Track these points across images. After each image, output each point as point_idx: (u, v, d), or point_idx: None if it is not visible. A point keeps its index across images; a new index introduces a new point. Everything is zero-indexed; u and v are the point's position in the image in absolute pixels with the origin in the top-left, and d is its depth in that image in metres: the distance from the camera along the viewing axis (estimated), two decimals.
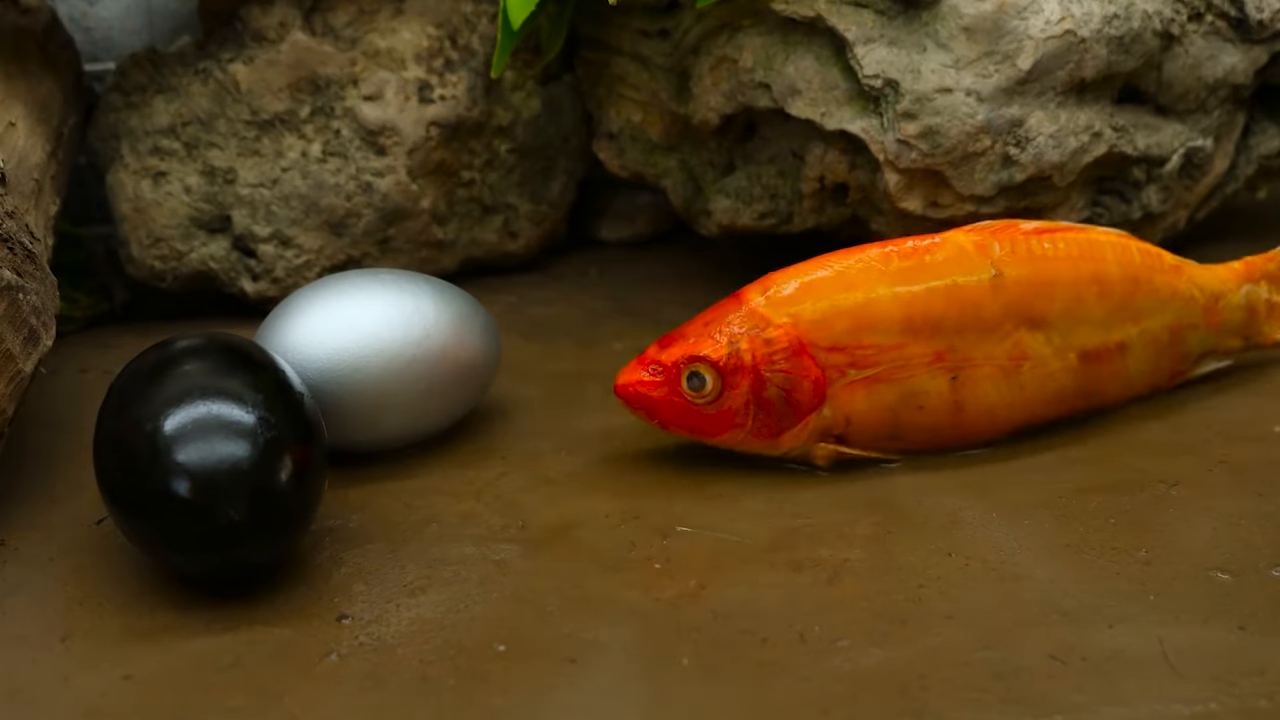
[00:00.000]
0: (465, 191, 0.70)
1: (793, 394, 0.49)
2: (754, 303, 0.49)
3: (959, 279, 0.49)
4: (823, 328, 0.49)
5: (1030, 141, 0.58)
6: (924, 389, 0.49)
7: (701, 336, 0.49)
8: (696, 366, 0.49)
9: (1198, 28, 0.62)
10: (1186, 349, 0.54)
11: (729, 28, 0.62)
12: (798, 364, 0.49)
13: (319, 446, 0.44)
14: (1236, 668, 0.38)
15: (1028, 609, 0.41)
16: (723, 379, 0.49)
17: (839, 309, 0.49)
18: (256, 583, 0.44)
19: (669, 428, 0.50)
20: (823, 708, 0.37)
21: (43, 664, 0.40)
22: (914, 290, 0.49)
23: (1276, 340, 0.56)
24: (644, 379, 0.49)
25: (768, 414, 0.49)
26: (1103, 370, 0.52)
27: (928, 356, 0.49)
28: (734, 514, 0.47)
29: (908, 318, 0.49)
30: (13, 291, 0.47)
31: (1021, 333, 0.50)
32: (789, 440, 0.49)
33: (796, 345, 0.49)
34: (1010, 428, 0.51)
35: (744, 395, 0.49)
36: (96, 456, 0.44)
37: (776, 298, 0.49)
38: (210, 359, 0.44)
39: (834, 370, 0.49)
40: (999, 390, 0.50)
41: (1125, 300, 0.52)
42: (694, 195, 0.67)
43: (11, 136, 0.56)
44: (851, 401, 0.49)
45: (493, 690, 0.38)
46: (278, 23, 0.67)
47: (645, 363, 0.50)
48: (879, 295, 0.49)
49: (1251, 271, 0.55)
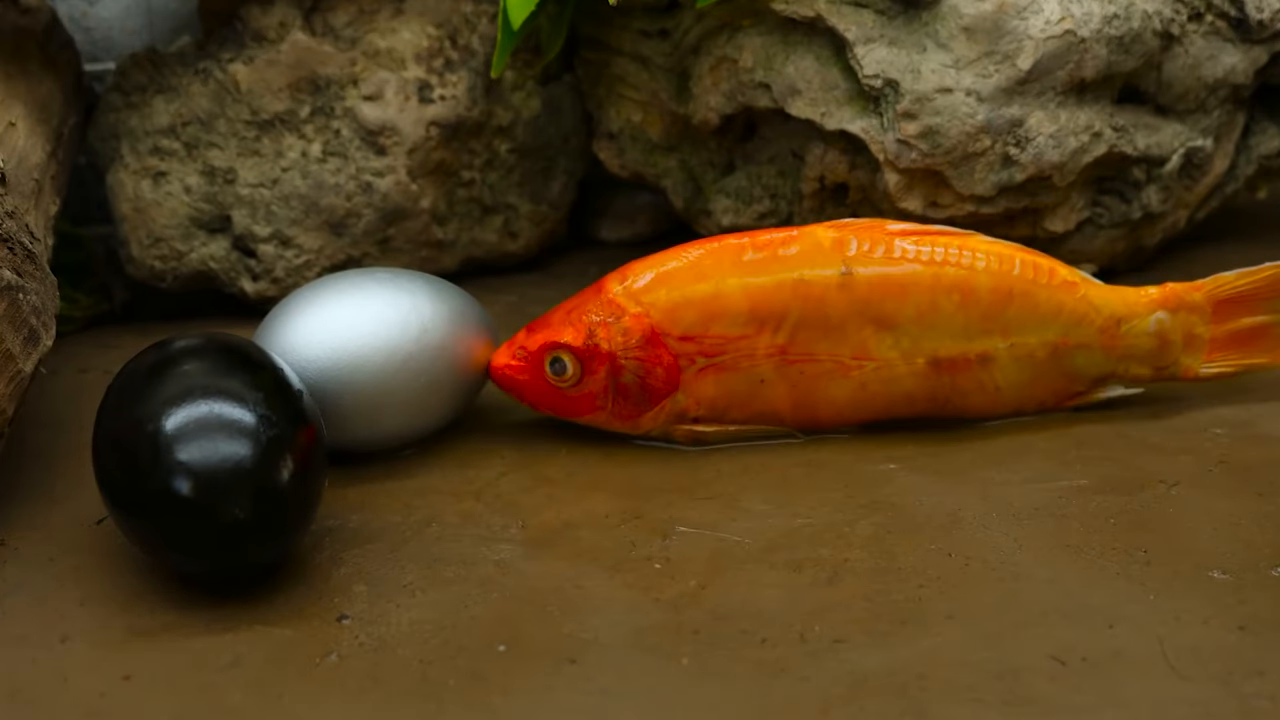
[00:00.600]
0: (465, 191, 0.70)
1: (647, 380, 0.51)
2: (612, 292, 0.51)
3: (807, 274, 0.50)
4: (674, 317, 0.50)
5: (1030, 141, 0.58)
6: (769, 378, 0.51)
7: (564, 324, 0.51)
8: (558, 353, 0.51)
9: (1198, 28, 0.62)
10: (1074, 369, 0.52)
11: (729, 28, 0.62)
12: (651, 352, 0.50)
13: (319, 445, 0.44)
14: (1236, 668, 0.38)
15: (1028, 609, 0.41)
16: (582, 365, 0.51)
17: (689, 299, 0.50)
18: (257, 582, 0.44)
19: (538, 408, 0.52)
20: (823, 708, 0.37)
21: (43, 664, 0.40)
22: (762, 283, 0.50)
23: (1199, 374, 0.53)
24: (511, 363, 0.52)
25: (625, 398, 0.51)
26: (959, 379, 0.51)
27: (772, 349, 0.50)
28: (734, 514, 0.47)
29: (754, 310, 0.50)
30: (13, 291, 0.47)
31: (867, 332, 0.50)
32: (648, 422, 0.52)
33: (649, 334, 0.50)
34: (855, 421, 0.52)
35: (602, 380, 0.51)
36: (96, 456, 0.44)
37: (632, 288, 0.51)
38: (209, 358, 0.44)
39: (685, 359, 0.51)
40: (840, 387, 0.51)
41: (992, 311, 0.50)
42: (694, 195, 0.67)
43: (11, 136, 0.56)
44: (702, 387, 0.51)
45: (493, 690, 0.38)
46: (278, 23, 0.67)
47: (513, 347, 0.52)
48: (728, 287, 0.50)
49: (1168, 299, 0.52)
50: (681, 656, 0.40)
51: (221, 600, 0.43)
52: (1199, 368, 0.53)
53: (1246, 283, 0.52)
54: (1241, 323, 0.53)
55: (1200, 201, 0.66)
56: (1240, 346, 0.53)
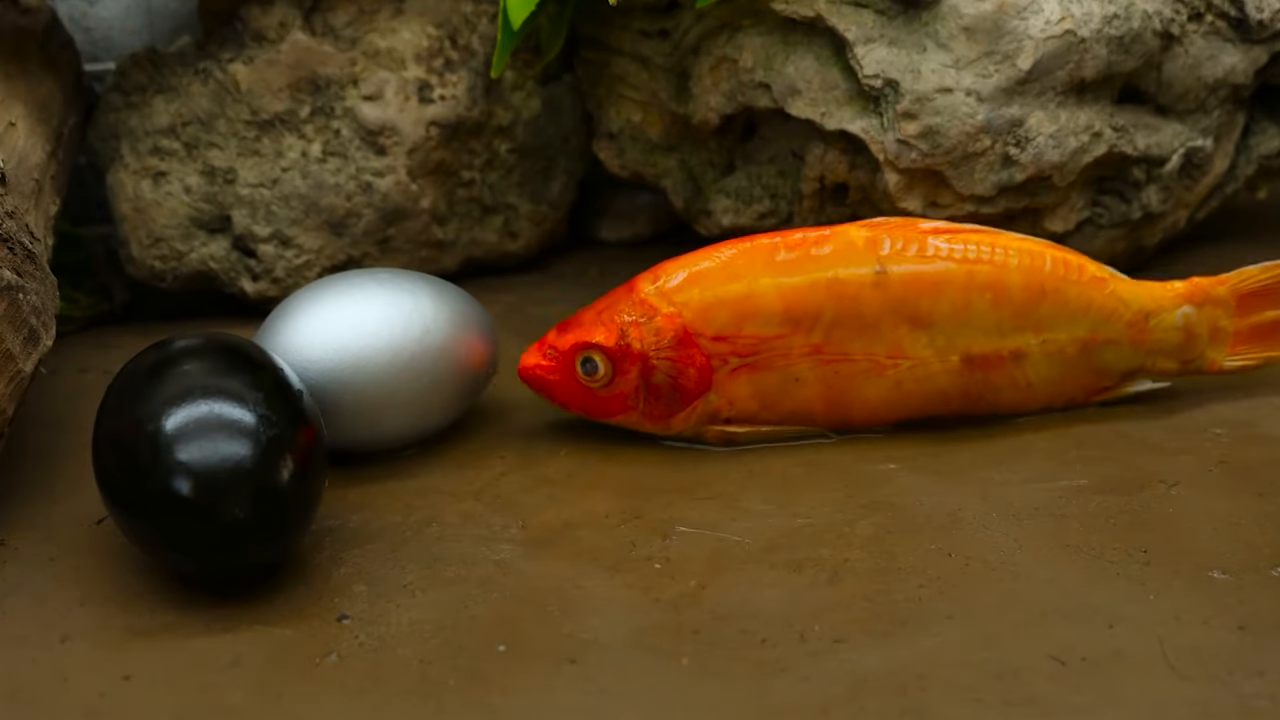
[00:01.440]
0: (465, 191, 0.70)
1: (679, 380, 0.50)
2: (644, 291, 0.51)
3: (841, 273, 0.50)
4: (707, 317, 0.50)
5: (1030, 141, 0.58)
6: (803, 378, 0.51)
7: (595, 324, 0.51)
8: (589, 353, 0.51)
9: (1198, 28, 0.62)
10: (1104, 364, 0.52)
11: (729, 28, 0.62)
12: (683, 352, 0.50)
13: (319, 445, 0.44)
14: (1236, 668, 0.38)
15: (1028, 609, 0.41)
16: (614, 365, 0.51)
17: (722, 299, 0.50)
18: (257, 582, 0.44)
19: (568, 408, 0.52)
20: (823, 708, 0.37)
21: (43, 664, 0.40)
22: (796, 283, 0.50)
23: (1223, 367, 0.53)
24: (542, 363, 0.52)
25: (657, 398, 0.51)
26: (992, 376, 0.51)
27: (806, 349, 0.50)
28: (734, 514, 0.47)
29: (788, 309, 0.50)
30: (13, 291, 0.47)
31: (902, 331, 0.50)
32: (679, 423, 0.51)
33: (682, 334, 0.50)
34: (889, 420, 0.52)
35: (634, 381, 0.51)
36: (96, 456, 0.44)
37: (665, 287, 0.51)
38: (209, 358, 0.44)
39: (718, 359, 0.50)
40: (874, 386, 0.51)
41: (1025, 309, 0.51)
42: (694, 195, 0.67)
43: (11, 136, 0.56)
44: (735, 388, 0.51)
45: (493, 690, 0.38)
46: (278, 23, 0.67)
47: (544, 347, 0.52)
48: (761, 286, 0.50)
49: (1194, 293, 0.52)
50: (681, 656, 0.40)
51: (221, 600, 0.43)
52: (1223, 361, 0.53)
53: (1270, 276, 0.53)
54: (1265, 316, 0.53)
55: (1200, 201, 0.66)
56: (1263, 339, 0.53)
